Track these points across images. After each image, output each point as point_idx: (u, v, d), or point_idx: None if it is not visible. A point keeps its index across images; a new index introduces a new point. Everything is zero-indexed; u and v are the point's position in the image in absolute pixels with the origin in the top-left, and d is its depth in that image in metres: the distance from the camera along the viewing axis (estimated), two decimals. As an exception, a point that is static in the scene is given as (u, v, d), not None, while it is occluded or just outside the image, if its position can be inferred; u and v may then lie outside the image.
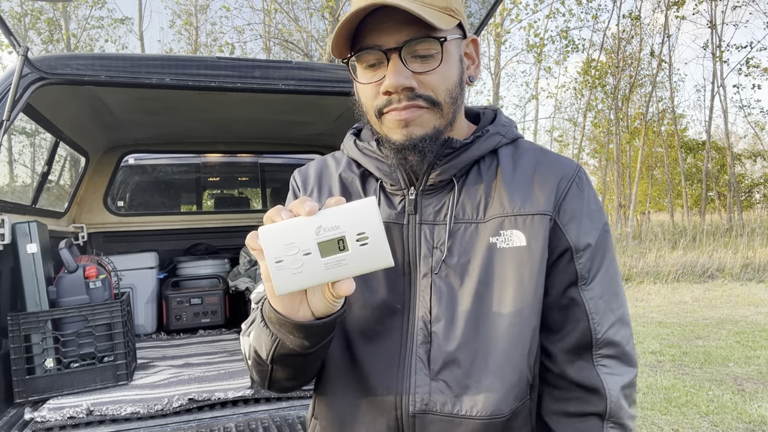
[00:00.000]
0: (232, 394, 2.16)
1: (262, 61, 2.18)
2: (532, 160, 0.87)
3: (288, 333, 0.71)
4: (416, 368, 0.81)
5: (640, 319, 7.16)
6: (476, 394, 0.79)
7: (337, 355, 0.85)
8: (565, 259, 0.83)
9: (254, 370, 0.83)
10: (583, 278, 0.83)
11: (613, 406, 0.82)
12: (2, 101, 1.82)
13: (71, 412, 2.00)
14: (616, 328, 0.84)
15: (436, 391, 0.80)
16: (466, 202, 0.84)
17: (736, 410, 3.85)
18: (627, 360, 0.85)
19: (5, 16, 1.82)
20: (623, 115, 18.92)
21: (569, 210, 0.83)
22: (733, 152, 20.47)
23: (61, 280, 2.31)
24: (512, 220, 0.81)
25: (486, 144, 0.86)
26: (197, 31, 14.64)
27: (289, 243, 0.60)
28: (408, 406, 0.80)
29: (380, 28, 0.76)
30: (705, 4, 17.67)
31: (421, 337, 0.81)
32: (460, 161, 0.84)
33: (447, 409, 0.79)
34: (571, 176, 0.85)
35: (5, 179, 10.80)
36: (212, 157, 4.34)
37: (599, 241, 0.85)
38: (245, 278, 3.46)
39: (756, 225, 14.53)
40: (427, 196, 0.85)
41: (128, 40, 16.89)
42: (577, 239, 0.83)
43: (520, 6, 13.33)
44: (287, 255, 0.60)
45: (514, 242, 0.81)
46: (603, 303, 0.83)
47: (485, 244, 0.82)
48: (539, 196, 0.82)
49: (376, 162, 0.88)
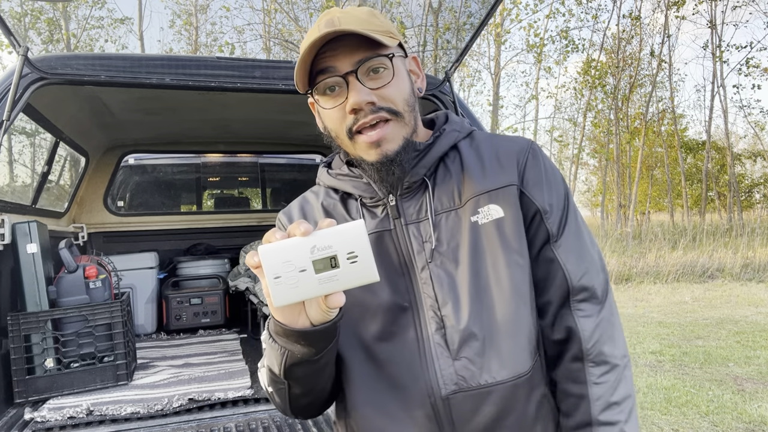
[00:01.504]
0: (232, 394, 2.16)
1: (263, 61, 2.18)
2: (489, 145, 0.97)
3: (294, 342, 0.76)
4: (437, 354, 0.86)
5: (640, 319, 7.16)
6: (498, 360, 0.86)
7: (359, 364, 0.90)
8: (536, 221, 0.92)
9: (274, 392, 0.88)
10: (554, 235, 0.92)
11: (588, 345, 0.89)
12: (2, 101, 1.82)
13: (71, 412, 2.00)
14: (589, 275, 0.92)
15: (461, 369, 0.86)
16: (441, 195, 0.92)
17: (736, 410, 3.85)
18: (602, 301, 0.92)
19: (5, 16, 1.82)
20: (623, 115, 18.93)
21: (530, 178, 0.93)
22: (733, 152, 20.47)
23: (61, 280, 2.31)
24: (486, 196, 0.90)
25: (446, 141, 0.95)
26: (197, 31, 14.65)
27: (286, 261, 0.67)
28: (440, 391, 0.85)
29: (333, 55, 0.85)
30: (705, 4, 17.68)
31: (434, 325, 0.87)
32: (428, 161, 0.93)
33: (475, 382, 0.85)
34: (526, 150, 0.95)
35: (5, 179, 10.80)
36: (212, 157, 4.34)
37: (562, 201, 0.94)
38: (245, 278, 3.46)
39: (756, 225, 14.53)
40: (406, 200, 0.93)
41: (128, 40, 16.86)
42: (542, 202, 0.92)
43: (520, 6, 13.33)
44: (285, 272, 0.67)
45: (492, 215, 0.90)
46: (573, 255, 0.92)
47: (468, 225, 0.90)
48: (503, 172, 0.92)
49: (351, 182, 0.96)
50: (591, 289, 0.91)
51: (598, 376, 0.89)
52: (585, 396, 0.88)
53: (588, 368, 0.89)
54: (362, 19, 0.86)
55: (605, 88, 17.82)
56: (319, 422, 1.98)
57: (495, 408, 0.85)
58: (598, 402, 0.88)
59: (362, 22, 0.85)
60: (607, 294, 0.93)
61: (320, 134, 0.97)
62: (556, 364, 0.93)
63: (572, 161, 21.18)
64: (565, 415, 0.92)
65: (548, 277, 0.92)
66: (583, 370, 0.89)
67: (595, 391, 0.88)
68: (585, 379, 0.89)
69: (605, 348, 0.89)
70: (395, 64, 0.88)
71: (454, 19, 2.54)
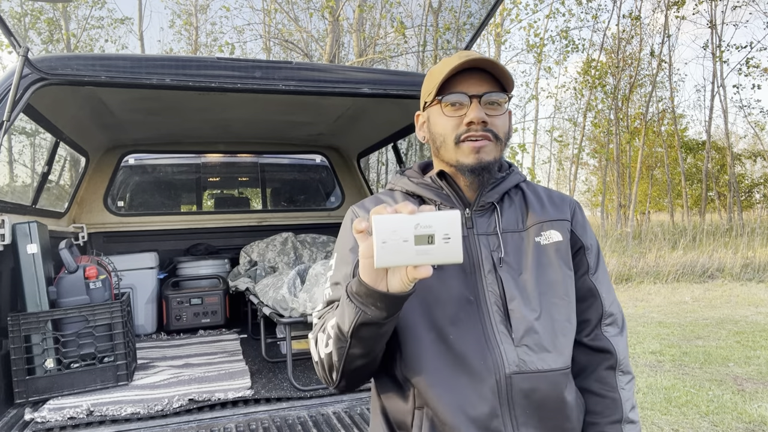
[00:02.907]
0: (232, 395, 2.16)
1: (263, 61, 2.18)
2: (543, 190, 1.23)
3: (371, 304, 0.90)
4: (501, 340, 1.04)
5: (640, 319, 7.16)
6: (554, 352, 1.06)
7: (431, 342, 1.05)
8: (580, 253, 1.18)
9: (333, 351, 0.99)
10: (592, 268, 1.18)
11: (620, 359, 1.14)
12: (2, 102, 1.82)
13: (71, 413, 2.00)
14: (615, 305, 1.19)
15: (522, 354, 1.04)
16: (507, 219, 1.14)
17: (736, 410, 3.85)
18: (621, 325, 1.20)
19: (5, 16, 1.82)
20: (623, 115, 18.92)
21: (578, 222, 1.20)
22: (733, 152, 20.46)
23: (62, 280, 2.31)
24: (548, 224, 1.15)
25: (514, 178, 1.19)
26: (197, 31, 14.62)
27: (393, 230, 0.80)
28: (504, 369, 1.02)
29: (467, 81, 1.09)
30: (705, 4, 17.67)
31: (498, 317, 1.06)
32: (500, 189, 1.15)
33: (534, 366, 1.03)
34: (574, 201, 1.24)
35: (5, 179, 10.80)
36: (212, 157, 4.34)
37: (596, 245, 1.22)
38: (245, 278, 3.46)
39: (756, 225, 14.53)
40: (479, 216, 1.14)
41: (128, 40, 16.82)
42: (585, 240, 1.19)
43: (520, 6, 13.30)
44: (391, 239, 0.80)
45: (553, 238, 1.13)
46: (604, 287, 1.18)
47: (532, 244, 1.12)
48: (560, 210, 1.18)
49: (433, 191, 1.15)
50: (615, 315, 1.18)
51: (625, 383, 1.14)
52: (617, 399, 1.12)
53: (618, 376, 1.14)
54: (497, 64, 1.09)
55: (605, 88, 17.81)
56: (319, 423, 1.99)
57: (545, 390, 1.04)
58: (627, 403, 1.13)
59: (498, 66, 1.09)
60: (623, 320, 1.20)
61: (321, 134, 1.01)
62: (586, 372, 1.15)
63: (572, 161, 21.18)
64: (599, 414, 1.13)
65: (588, 300, 1.17)
66: (614, 378, 1.14)
67: (624, 395, 1.13)
68: (616, 385, 1.13)
69: (628, 362, 1.17)
70: (506, 105, 1.12)
71: (454, 19, 2.54)
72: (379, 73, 2.38)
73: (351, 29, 11.33)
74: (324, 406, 2.12)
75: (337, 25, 10.50)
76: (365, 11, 11.02)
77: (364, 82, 2.30)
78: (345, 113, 3.19)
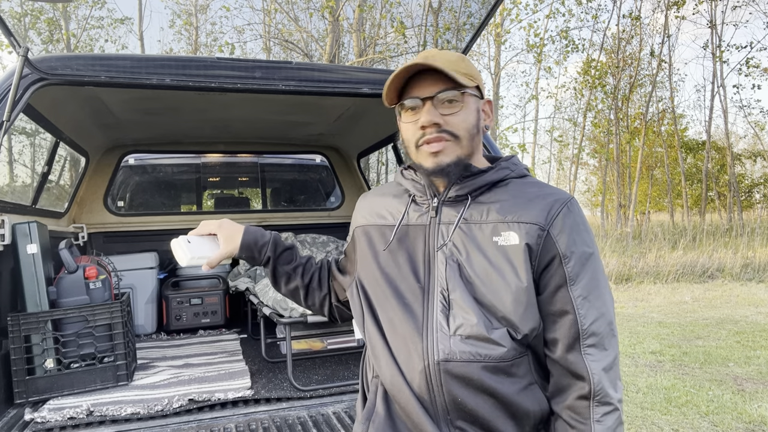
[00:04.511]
0: (232, 395, 2.16)
1: (263, 61, 2.18)
2: (534, 188, 1.14)
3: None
4: (437, 327, 1.08)
5: (640, 319, 7.16)
6: (487, 345, 1.05)
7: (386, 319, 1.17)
8: (555, 263, 1.07)
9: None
10: (571, 279, 1.06)
11: (596, 387, 1.03)
12: (2, 102, 1.82)
13: (71, 413, 2.00)
14: (599, 322, 1.06)
15: (455, 344, 1.06)
16: (474, 211, 1.13)
17: (736, 410, 3.85)
18: (607, 345, 1.06)
19: (5, 16, 1.82)
20: (623, 115, 18.91)
21: (559, 225, 1.07)
22: (733, 152, 20.45)
23: (61, 280, 2.31)
24: (509, 225, 1.09)
25: (496, 174, 1.15)
26: (197, 31, 14.62)
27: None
28: (434, 356, 1.07)
29: (420, 84, 1.10)
30: (705, 4, 17.66)
31: (440, 306, 1.09)
32: (475, 183, 1.13)
33: (464, 357, 1.05)
34: (563, 201, 1.10)
35: (5, 179, 10.80)
36: (212, 157, 4.34)
37: (585, 254, 1.08)
38: (245, 278, 3.46)
39: (756, 225, 14.53)
40: (447, 206, 1.15)
41: (128, 40, 16.84)
42: (565, 248, 1.06)
43: (520, 6, 13.30)
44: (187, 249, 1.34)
45: (510, 241, 1.08)
46: (587, 302, 1.06)
47: (488, 240, 1.09)
48: (534, 212, 1.08)
49: (411, 183, 1.22)
50: (600, 335, 1.05)
51: (601, 416, 1.03)
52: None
53: (593, 407, 1.03)
54: (451, 61, 1.10)
55: (605, 88, 17.81)
56: (319, 423, 1.99)
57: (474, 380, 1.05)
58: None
59: (450, 63, 1.08)
60: (612, 341, 1.07)
61: (321, 134, 1.04)
62: (560, 395, 1.08)
63: (572, 161, 21.18)
64: None
65: (560, 315, 1.07)
66: (588, 408, 1.03)
67: (597, 428, 1.02)
68: (589, 416, 1.03)
69: (609, 391, 1.04)
70: (466, 100, 1.10)
71: (454, 19, 2.54)
72: (379, 73, 2.37)
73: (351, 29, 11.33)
74: (324, 406, 2.12)
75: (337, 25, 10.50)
76: (365, 11, 11.02)
77: (364, 82, 2.30)
78: (345, 113, 3.19)
